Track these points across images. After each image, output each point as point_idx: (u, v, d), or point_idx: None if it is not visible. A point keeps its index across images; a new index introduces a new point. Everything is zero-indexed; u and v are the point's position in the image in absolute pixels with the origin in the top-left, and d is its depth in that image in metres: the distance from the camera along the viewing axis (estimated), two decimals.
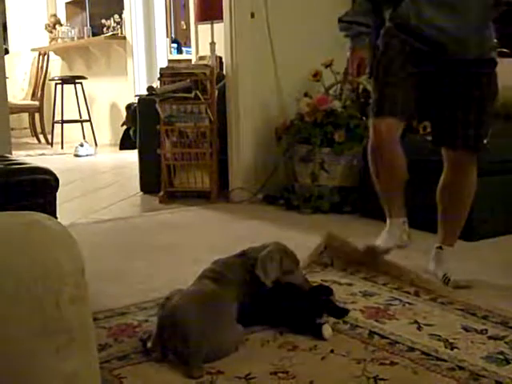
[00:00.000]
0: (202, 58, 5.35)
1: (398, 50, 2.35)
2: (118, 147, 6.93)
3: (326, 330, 1.91)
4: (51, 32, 8.84)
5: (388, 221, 2.52)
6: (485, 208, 2.95)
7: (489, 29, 2.31)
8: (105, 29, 7.91)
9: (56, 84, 7.82)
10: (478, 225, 2.95)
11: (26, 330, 0.91)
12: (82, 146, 6.95)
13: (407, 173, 2.45)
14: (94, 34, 8.31)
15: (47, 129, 8.20)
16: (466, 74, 2.31)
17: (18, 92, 8.42)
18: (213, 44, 4.80)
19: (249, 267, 2.00)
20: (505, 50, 2.36)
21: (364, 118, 3.65)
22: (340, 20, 2.45)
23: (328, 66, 4.02)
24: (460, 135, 2.34)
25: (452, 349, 1.83)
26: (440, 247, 2.50)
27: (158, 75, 4.27)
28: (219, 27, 4.54)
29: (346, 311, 2.09)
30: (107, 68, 7.98)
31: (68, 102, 7.80)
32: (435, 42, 2.28)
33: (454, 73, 2.33)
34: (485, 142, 2.37)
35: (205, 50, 5.44)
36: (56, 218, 2.04)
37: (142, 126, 4.50)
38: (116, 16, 7.81)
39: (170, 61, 7.26)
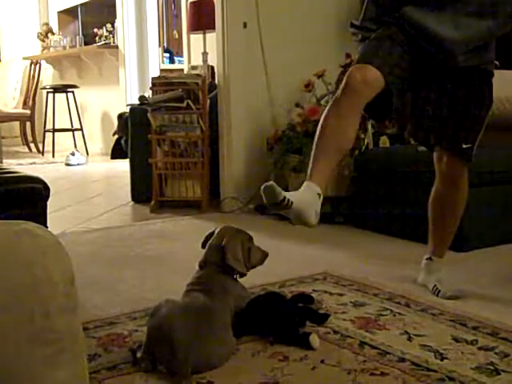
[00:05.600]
0: (194, 67, 5.37)
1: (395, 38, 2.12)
2: (109, 156, 6.94)
3: (314, 340, 1.90)
4: (43, 41, 8.84)
5: (305, 182, 2.08)
6: (475, 219, 2.96)
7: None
8: (97, 38, 7.93)
9: (47, 93, 7.81)
10: (469, 235, 2.96)
11: (15, 339, 0.91)
12: (73, 154, 6.94)
13: (349, 147, 2.13)
14: (86, 43, 8.32)
15: (38, 138, 8.18)
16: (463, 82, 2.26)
17: (10, 100, 8.40)
18: (205, 54, 4.81)
19: (226, 270, 2.01)
20: (496, 63, 2.35)
21: None
22: (351, 24, 2.32)
23: (320, 76, 4.03)
24: (448, 136, 2.28)
25: (442, 359, 1.82)
26: (430, 258, 2.50)
27: (150, 84, 4.28)
28: (211, 37, 4.56)
29: (326, 316, 2.11)
30: (99, 77, 7.98)
31: (59, 110, 7.79)
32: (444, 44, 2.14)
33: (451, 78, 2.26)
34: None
35: (197, 60, 5.46)
36: (46, 227, 2.03)
37: (133, 135, 4.50)
38: (108, 25, 7.82)
39: (162, 70, 7.29)
